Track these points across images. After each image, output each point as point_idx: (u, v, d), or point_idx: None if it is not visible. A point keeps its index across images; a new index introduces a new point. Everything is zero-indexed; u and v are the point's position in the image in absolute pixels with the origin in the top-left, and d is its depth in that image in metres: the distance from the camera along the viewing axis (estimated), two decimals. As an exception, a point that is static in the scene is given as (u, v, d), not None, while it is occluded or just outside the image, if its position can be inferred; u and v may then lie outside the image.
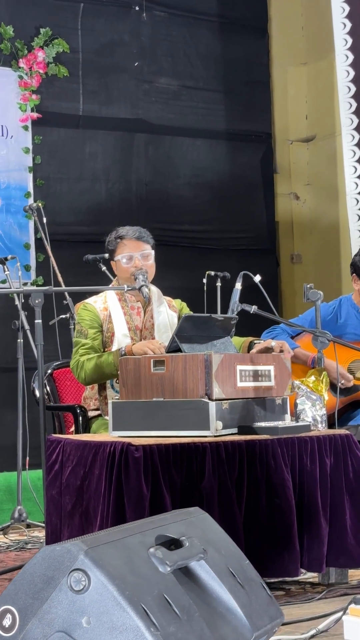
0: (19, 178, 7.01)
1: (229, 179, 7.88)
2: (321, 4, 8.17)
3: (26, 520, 5.04)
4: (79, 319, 4.19)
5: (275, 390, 3.75)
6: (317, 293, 4.13)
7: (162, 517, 2.34)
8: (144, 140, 7.54)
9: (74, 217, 7.20)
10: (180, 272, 7.36)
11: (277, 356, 3.80)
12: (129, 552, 2.08)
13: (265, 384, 3.71)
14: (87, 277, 6.09)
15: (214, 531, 2.41)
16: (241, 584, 2.30)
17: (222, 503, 3.36)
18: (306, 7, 8.46)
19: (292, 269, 8.57)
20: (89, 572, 1.97)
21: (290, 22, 8.52)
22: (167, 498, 3.27)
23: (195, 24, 7.76)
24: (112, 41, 7.41)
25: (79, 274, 6.27)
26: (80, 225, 7.21)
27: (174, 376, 3.50)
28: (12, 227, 6.95)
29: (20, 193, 6.99)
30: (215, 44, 7.87)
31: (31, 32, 7.05)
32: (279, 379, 3.77)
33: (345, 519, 3.56)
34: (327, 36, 8.14)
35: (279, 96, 8.46)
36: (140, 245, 4.21)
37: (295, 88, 8.63)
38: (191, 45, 7.74)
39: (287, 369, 3.81)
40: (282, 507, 3.44)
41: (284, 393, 3.79)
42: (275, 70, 8.43)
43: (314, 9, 8.37)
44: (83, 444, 3.52)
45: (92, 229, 7.20)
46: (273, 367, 3.74)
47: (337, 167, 8.20)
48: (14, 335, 5.21)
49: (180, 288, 6.84)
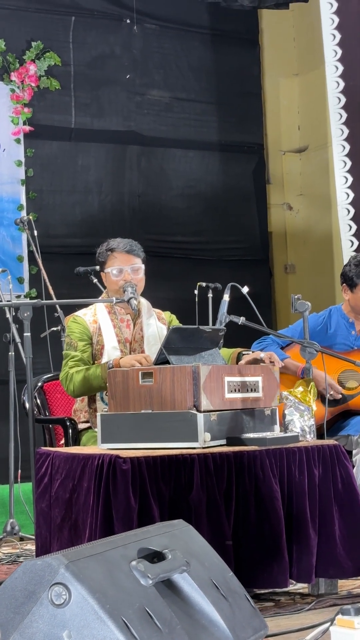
0: (11, 191, 7.03)
1: (222, 190, 7.90)
2: (312, 16, 8.20)
3: (19, 533, 5.03)
4: (68, 332, 4.20)
5: (263, 401, 3.76)
6: (305, 304, 4.14)
7: (145, 529, 2.34)
8: (137, 152, 7.57)
9: (67, 229, 7.22)
10: (173, 283, 7.38)
11: (265, 367, 3.80)
12: (110, 566, 2.08)
13: (253, 395, 3.72)
14: (80, 289, 6.10)
15: (197, 543, 2.41)
16: (224, 596, 2.30)
17: (210, 515, 3.36)
18: (297, 18, 8.49)
19: (285, 279, 8.59)
20: (70, 586, 1.98)
21: (281, 33, 8.56)
22: (155, 510, 3.27)
23: (186, 36, 7.79)
24: (103, 54, 7.45)
25: (72, 286, 6.27)
26: (73, 238, 7.23)
27: (162, 388, 3.51)
28: (5, 240, 6.97)
29: (13, 206, 7.01)
30: (206, 56, 7.90)
31: (23, 45, 7.09)
32: (267, 390, 3.77)
33: (334, 529, 3.56)
34: (319, 47, 8.17)
35: (271, 107, 8.49)
36: (130, 259, 4.22)
37: (287, 99, 8.66)
38: (183, 58, 7.78)
39: (275, 379, 3.82)
40: (271, 518, 3.44)
41: (272, 404, 3.79)
42: (268, 81, 8.46)
43: (305, 21, 8.41)
44: (72, 456, 3.52)
45: (85, 241, 7.21)
46: (261, 378, 3.75)
47: (330, 178, 8.22)
48: (5, 348, 5.22)
49: (174, 299, 6.86)
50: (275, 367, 3.85)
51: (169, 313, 4.43)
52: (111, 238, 4.37)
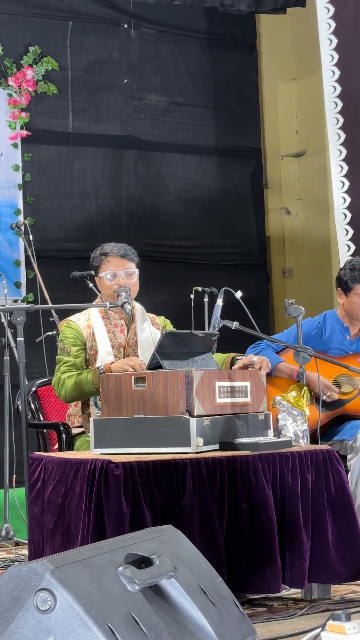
0: (8, 195, 7.03)
1: (219, 195, 7.90)
2: (310, 20, 8.20)
3: (13, 538, 5.03)
4: (62, 337, 4.19)
5: (252, 406, 3.75)
6: (299, 309, 4.14)
7: (134, 535, 2.34)
8: (134, 157, 7.57)
9: (64, 233, 7.23)
10: (170, 287, 7.38)
11: (253, 372, 3.80)
12: (96, 571, 2.08)
13: (242, 400, 3.71)
14: (77, 293, 6.10)
15: (186, 549, 2.41)
16: (212, 601, 2.29)
17: (203, 520, 3.36)
18: (295, 23, 8.50)
19: (284, 283, 8.59)
20: (55, 592, 1.97)
21: (279, 38, 8.57)
22: (147, 515, 3.27)
23: (184, 41, 7.80)
24: (101, 58, 7.45)
25: (69, 290, 6.28)
26: (71, 242, 7.23)
27: (155, 393, 3.50)
28: (2, 244, 6.97)
29: (10, 210, 7.02)
30: (204, 60, 7.90)
31: (20, 50, 7.09)
32: (255, 395, 3.77)
33: (327, 534, 3.55)
34: (317, 52, 8.16)
35: (269, 112, 8.50)
36: (124, 263, 4.21)
37: (285, 104, 8.67)
38: (180, 62, 7.78)
39: (262, 384, 3.81)
40: (264, 523, 3.43)
41: (260, 408, 3.79)
42: (266, 86, 8.47)
43: (303, 25, 8.41)
44: (64, 461, 3.51)
45: (83, 246, 7.19)
46: (249, 383, 3.74)
47: (328, 182, 8.21)
48: (0, 353, 5.22)
49: (171, 303, 6.86)
50: (261, 371, 3.84)
51: (163, 318, 4.43)
52: (108, 242, 4.37)
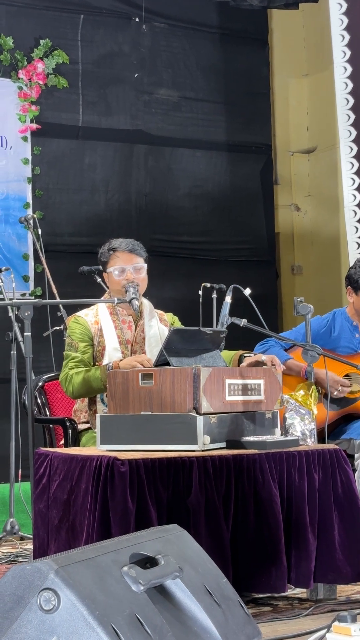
0: (17, 189, 7.02)
1: (229, 190, 7.87)
2: (322, 16, 8.17)
3: (18, 533, 5.01)
4: (69, 332, 4.17)
5: (265, 404, 3.73)
6: (307, 307, 4.11)
7: (139, 534, 2.32)
8: (144, 152, 7.54)
9: (73, 227, 7.21)
10: (179, 283, 7.36)
11: (268, 370, 3.77)
12: (101, 571, 2.06)
13: (255, 398, 3.69)
14: (85, 288, 6.08)
15: (191, 549, 2.39)
16: (217, 602, 2.28)
17: (209, 518, 3.34)
18: (307, 19, 8.46)
19: (292, 280, 8.56)
20: (59, 592, 1.95)
21: (291, 34, 8.53)
22: (153, 513, 3.25)
23: (195, 35, 7.76)
24: (111, 52, 7.42)
25: (77, 285, 6.26)
26: (79, 236, 7.21)
27: (162, 390, 3.48)
28: (10, 238, 6.95)
29: (19, 204, 7.00)
30: (215, 55, 7.87)
31: (31, 43, 7.07)
32: (269, 393, 3.74)
33: (333, 534, 3.53)
34: (328, 48, 8.13)
35: (280, 108, 8.47)
36: (132, 258, 4.19)
37: (296, 99, 8.63)
38: (191, 57, 7.75)
39: (277, 382, 3.79)
40: (270, 523, 3.41)
41: (274, 407, 3.77)
42: (277, 81, 8.43)
43: (315, 21, 8.37)
44: (70, 457, 3.50)
45: (91, 240, 7.19)
46: (263, 381, 3.72)
47: (338, 179, 8.18)
48: (7, 346, 5.20)
49: (179, 299, 6.84)
50: (277, 370, 3.82)
51: (171, 314, 4.41)
52: (117, 237, 4.35)
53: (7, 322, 5.64)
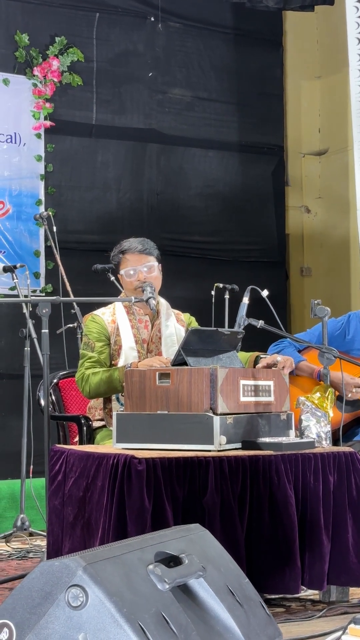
0: (30, 185, 7.02)
1: (241, 191, 7.88)
2: (336, 18, 8.17)
3: (29, 529, 5.03)
4: (86, 331, 4.18)
5: (275, 406, 3.75)
6: (325, 309, 4.12)
7: (162, 533, 2.33)
8: (156, 151, 7.55)
9: (85, 225, 7.21)
10: (189, 283, 7.36)
11: (277, 371, 3.79)
12: (127, 569, 2.07)
13: (266, 399, 3.71)
14: (96, 285, 6.10)
15: (213, 548, 2.40)
16: (240, 602, 2.29)
17: (224, 518, 3.35)
18: (321, 21, 8.46)
19: (301, 282, 8.56)
20: (87, 589, 1.97)
21: (305, 35, 8.53)
22: (169, 512, 3.26)
23: (209, 35, 7.77)
24: (126, 51, 7.43)
25: (88, 282, 6.27)
26: (91, 234, 7.22)
27: (179, 389, 3.50)
28: (22, 234, 6.96)
29: (32, 200, 7.01)
30: (229, 56, 7.87)
31: (46, 40, 7.07)
32: (278, 395, 3.77)
33: (347, 537, 3.55)
34: (342, 50, 8.14)
35: (292, 109, 8.47)
36: (143, 258, 4.20)
37: (308, 101, 8.63)
38: (205, 57, 7.75)
39: (285, 384, 3.81)
40: (285, 524, 3.43)
41: (282, 408, 3.78)
42: (289, 83, 8.43)
43: (328, 23, 8.38)
44: (86, 455, 3.51)
45: (102, 238, 7.20)
46: (273, 383, 3.74)
47: (349, 181, 8.19)
48: (21, 343, 5.22)
49: (190, 299, 6.84)
50: (284, 370, 3.83)
51: (188, 315, 4.42)
52: (127, 236, 4.35)
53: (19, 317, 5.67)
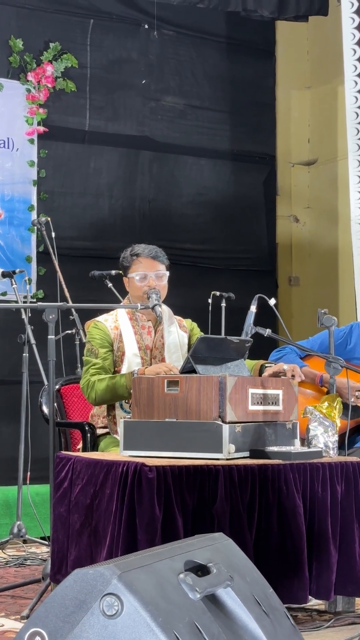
0: (23, 191, 6.99)
1: (232, 199, 7.89)
2: (326, 29, 8.21)
3: (25, 536, 5.00)
4: (89, 338, 4.16)
5: (283, 415, 3.75)
6: (332, 319, 4.13)
7: (189, 542, 2.32)
8: (149, 158, 7.54)
9: (77, 231, 7.19)
10: (180, 290, 7.31)
11: (286, 380, 3.79)
12: (159, 578, 2.06)
13: (274, 408, 3.70)
14: (89, 292, 6.07)
15: (238, 558, 2.39)
16: (266, 612, 2.28)
17: (233, 527, 3.34)
18: (311, 31, 8.50)
19: (289, 291, 8.58)
20: (122, 597, 1.95)
21: (295, 46, 8.56)
22: (179, 520, 3.25)
23: (203, 44, 7.78)
24: (120, 58, 7.42)
25: (80, 288, 6.24)
26: (83, 240, 7.20)
27: (187, 397, 3.49)
28: (14, 240, 6.93)
29: (24, 206, 6.98)
30: (222, 64, 7.89)
31: (40, 46, 7.06)
32: (287, 404, 3.76)
33: (354, 547, 3.55)
34: (332, 61, 8.18)
35: (282, 119, 8.49)
36: (155, 265, 4.21)
37: (298, 111, 8.66)
38: (198, 65, 7.76)
39: (294, 393, 3.81)
40: (293, 533, 3.42)
41: (290, 417, 3.78)
42: (280, 93, 8.46)
43: (319, 34, 8.41)
44: (94, 462, 3.49)
45: (95, 244, 7.20)
46: (282, 392, 3.74)
47: (338, 191, 8.22)
48: (14, 348, 5.18)
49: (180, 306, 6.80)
50: (294, 380, 3.83)
51: (189, 321, 4.42)
52: (119, 243, 4.35)
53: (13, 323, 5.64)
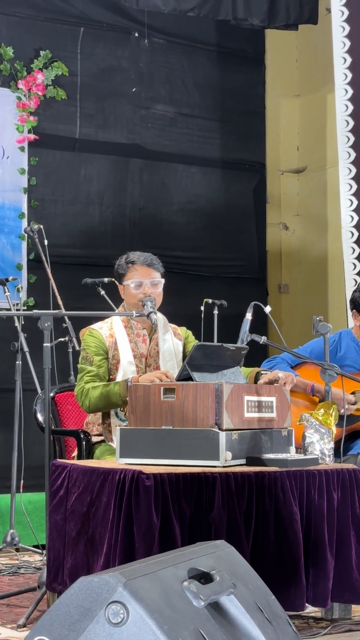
0: (13, 199, 6.99)
1: (223, 207, 7.90)
2: (315, 38, 8.25)
3: (18, 545, 4.98)
4: (84, 345, 4.15)
5: (277, 422, 3.76)
6: (327, 326, 4.14)
7: (192, 549, 2.32)
8: (139, 166, 7.55)
9: (67, 239, 7.19)
10: (170, 298, 7.32)
11: (278, 387, 3.80)
12: (164, 585, 2.06)
13: (268, 415, 3.71)
14: (79, 299, 6.07)
15: (240, 565, 2.39)
16: (269, 619, 2.28)
17: (230, 535, 3.34)
18: (300, 40, 8.53)
19: (279, 298, 8.59)
20: (128, 605, 1.95)
21: (284, 54, 8.59)
22: (176, 528, 3.25)
23: (193, 52, 7.80)
24: (110, 66, 7.43)
25: (70, 296, 6.23)
26: (73, 248, 7.20)
27: (184, 404, 3.49)
28: (5, 248, 6.93)
29: (15, 214, 6.97)
30: (212, 73, 7.91)
31: (31, 54, 7.06)
32: (280, 411, 3.77)
33: (350, 554, 3.55)
34: (321, 69, 8.22)
35: (272, 127, 8.52)
36: (151, 273, 4.21)
37: (287, 119, 8.69)
38: (189, 73, 7.78)
39: (287, 400, 3.82)
40: (290, 541, 3.42)
41: (284, 424, 3.79)
42: (269, 101, 8.48)
43: (308, 43, 8.45)
44: (90, 470, 3.49)
45: (85, 252, 7.20)
46: (275, 399, 3.75)
47: (327, 199, 8.25)
48: (6, 356, 5.17)
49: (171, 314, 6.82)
50: (286, 386, 3.84)
51: (184, 329, 4.42)
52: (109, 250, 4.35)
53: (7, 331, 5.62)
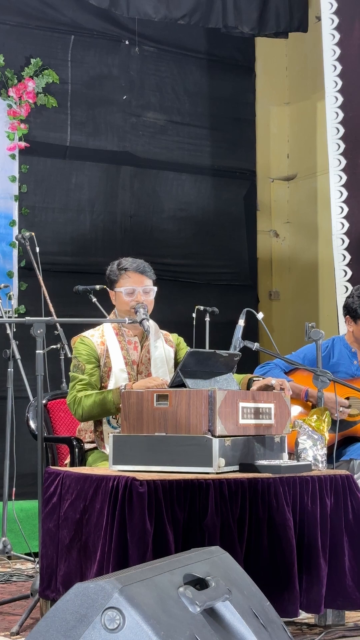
0: (4, 206, 6.99)
1: (213, 215, 7.91)
2: (305, 46, 8.28)
3: (10, 552, 4.97)
4: (76, 353, 4.14)
5: (275, 429, 3.75)
6: (319, 332, 4.15)
7: (186, 555, 2.32)
8: (130, 173, 7.56)
9: (58, 247, 7.18)
10: (161, 305, 7.32)
11: (278, 394, 3.80)
12: (160, 591, 2.06)
13: (266, 422, 3.71)
14: (70, 306, 6.07)
15: (235, 571, 2.39)
16: (264, 625, 2.28)
17: (223, 541, 3.34)
18: (290, 48, 8.56)
19: (270, 305, 8.60)
20: (124, 611, 1.95)
21: (274, 62, 8.62)
22: (170, 535, 3.24)
23: (184, 60, 7.82)
24: (101, 74, 7.44)
25: (61, 303, 6.22)
26: (64, 255, 7.20)
27: (177, 411, 3.49)
28: (-5, 255, 6.92)
29: (6, 221, 6.97)
30: (203, 81, 7.93)
31: (21, 61, 7.06)
32: (279, 417, 3.77)
33: (344, 560, 3.56)
34: (310, 77, 8.25)
35: (262, 134, 8.54)
36: (143, 280, 4.21)
37: (277, 127, 8.71)
38: (179, 81, 7.80)
39: (287, 407, 3.82)
40: (283, 547, 3.42)
41: (284, 431, 3.79)
42: (259, 109, 8.50)
43: (297, 51, 8.48)
44: (84, 477, 3.48)
45: (76, 260, 7.19)
46: (274, 405, 3.74)
47: (317, 206, 8.27)
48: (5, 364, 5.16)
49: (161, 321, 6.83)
50: (286, 394, 3.85)
51: (176, 335, 4.42)
52: (100, 258, 4.34)
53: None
